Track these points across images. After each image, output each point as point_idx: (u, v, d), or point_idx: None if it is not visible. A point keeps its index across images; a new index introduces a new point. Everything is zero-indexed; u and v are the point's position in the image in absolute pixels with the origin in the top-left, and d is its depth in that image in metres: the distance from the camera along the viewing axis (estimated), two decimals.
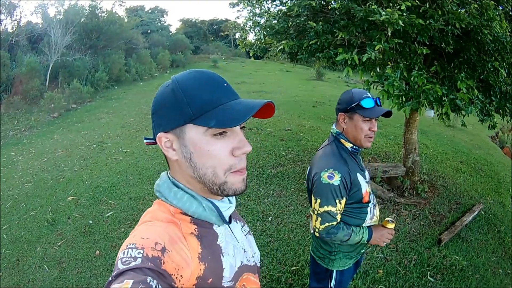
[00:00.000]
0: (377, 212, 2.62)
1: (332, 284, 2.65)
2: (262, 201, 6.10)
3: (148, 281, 0.87)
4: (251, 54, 7.21)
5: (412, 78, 4.51)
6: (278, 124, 10.36)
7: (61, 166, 8.52)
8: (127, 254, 0.95)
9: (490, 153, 9.71)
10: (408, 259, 4.66)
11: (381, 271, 4.40)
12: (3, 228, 5.93)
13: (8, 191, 7.44)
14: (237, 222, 1.39)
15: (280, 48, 5.54)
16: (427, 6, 4.36)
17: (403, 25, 4.07)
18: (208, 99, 1.08)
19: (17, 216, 6.26)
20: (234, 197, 1.30)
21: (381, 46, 4.25)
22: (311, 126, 10.32)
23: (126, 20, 26.93)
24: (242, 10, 7.85)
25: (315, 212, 2.41)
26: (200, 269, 1.07)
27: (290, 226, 5.36)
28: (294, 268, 4.47)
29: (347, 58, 4.44)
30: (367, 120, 2.38)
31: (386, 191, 6.20)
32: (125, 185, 6.91)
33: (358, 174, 2.43)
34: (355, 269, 2.78)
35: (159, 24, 41.50)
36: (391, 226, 2.44)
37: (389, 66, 4.72)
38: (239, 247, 1.29)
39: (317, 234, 2.44)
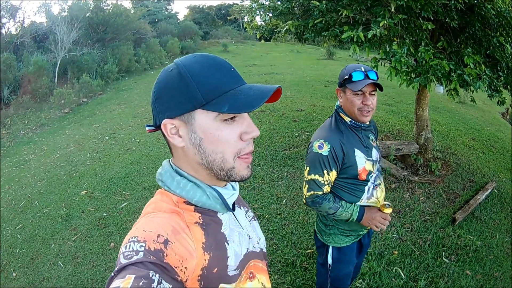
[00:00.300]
0: (378, 194, 2.56)
1: (329, 260, 2.68)
2: (276, 184, 6.08)
3: (150, 276, 0.85)
4: (258, 36, 7.19)
5: (419, 54, 4.45)
6: (290, 105, 10.26)
7: (74, 161, 8.56)
8: (129, 248, 0.93)
9: (502, 130, 9.59)
10: (423, 239, 4.63)
11: (396, 252, 4.38)
12: (17, 228, 5.99)
13: (21, 191, 7.51)
14: (241, 208, 1.38)
15: (286, 28, 5.50)
16: None
17: (406, 0, 4.02)
18: (218, 83, 1.06)
19: (31, 214, 6.32)
20: (237, 184, 1.30)
21: (385, 22, 4.22)
22: (323, 105, 10.22)
23: (132, 11, 26.93)
24: None
25: (305, 179, 2.49)
26: (205, 259, 1.05)
27: (305, 208, 5.32)
28: (309, 251, 4.45)
29: (352, 35, 4.40)
30: (358, 94, 2.38)
31: (400, 169, 6.16)
32: (138, 175, 6.93)
33: (356, 149, 2.44)
34: (359, 251, 2.77)
35: (166, 12, 41.40)
36: (388, 211, 2.38)
37: (395, 43, 4.66)
38: (244, 234, 1.27)
39: (304, 201, 2.51)
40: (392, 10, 4.17)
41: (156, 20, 36.35)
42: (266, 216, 5.16)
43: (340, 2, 4.90)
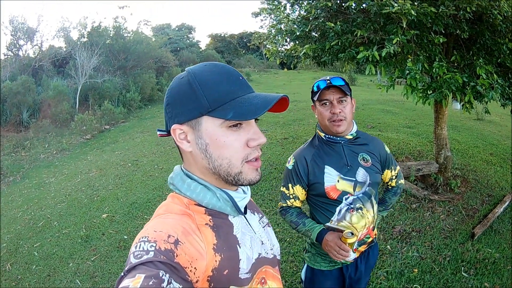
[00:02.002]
0: (353, 219, 2.28)
1: (302, 276, 2.60)
2: None
3: (160, 275, 0.85)
4: (278, 62, 7.23)
5: (433, 70, 4.46)
6: (313, 132, 10.16)
7: (95, 185, 8.63)
8: (139, 248, 0.94)
9: None
10: (442, 256, 4.57)
11: (416, 270, 4.33)
12: (35, 245, 6.04)
13: (40, 211, 7.59)
14: (254, 214, 1.39)
15: (303, 52, 5.53)
16: None
17: (416, 14, 4.07)
18: (224, 91, 1.09)
19: (50, 234, 6.37)
20: (248, 188, 1.31)
21: (398, 39, 4.23)
22: None
23: (153, 39, 27.18)
24: (265, 19, 7.85)
25: None
26: (216, 261, 1.05)
27: None
28: None
29: (368, 55, 4.42)
30: (325, 104, 2.30)
31: (421, 189, 6.11)
32: (160, 200, 6.72)
33: (328, 166, 2.33)
34: (343, 283, 2.52)
35: (187, 41, 41.58)
36: (349, 240, 2.12)
37: (409, 60, 4.66)
38: (256, 238, 1.27)
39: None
40: (404, 26, 4.19)
41: (178, 48, 36.56)
42: (288, 240, 5.14)
43: (355, 23, 4.94)
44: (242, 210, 1.22)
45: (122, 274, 0.88)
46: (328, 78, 2.27)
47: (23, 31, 19.68)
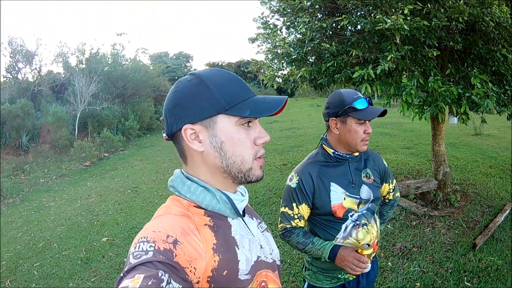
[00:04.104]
0: (359, 235, 2.25)
1: None
2: None
3: (160, 275, 0.86)
4: (274, 87, 7.28)
5: (429, 84, 4.49)
6: None
7: (95, 210, 8.62)
8: (139, 248, 0.95)
9: None
10: (444, 268, 4.55)
11: (418, 284, 4.31)
12: (34, 265, 6.03)
13: (40, 233, 7.58)
14: (252, 219, 1.40)
15: (300, 75, 5.58)
16: (429, 6, 4.37)
17: (408, 29, 4.13)
18: (237, 92, 1.16)
19: (50, 255, 6.35)
20: (246, 191, 1.33)
21: (392, 55, 4.28)
22: None
23: (151, 68, 27.28)
24: (262, 44, 7.92)
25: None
26: (215, 261, 1.07)
27: None
28: None
29: (363, 74, 4.46)
30: (361, 123, 2.20)
31: (420, 207, 6.12)
32: None
33: (333, 183, 2.27)
34: None
35: (185, 69, 41.73)
36: (366, 252, 2.13)
37: (404, 76, 4.70)
38: (254, 241, 1.28)
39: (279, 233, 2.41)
40: (398, 42, 4.23)
41: (176, 77, 36.67)
42: (288, 261, 5.14)
43: (350, 43, 5.00)
44: (241, 212, 1.24)
45: (122, 274, 0.89)
46: (362, 96, 2.19)
47: (22, 54, 19.78)
